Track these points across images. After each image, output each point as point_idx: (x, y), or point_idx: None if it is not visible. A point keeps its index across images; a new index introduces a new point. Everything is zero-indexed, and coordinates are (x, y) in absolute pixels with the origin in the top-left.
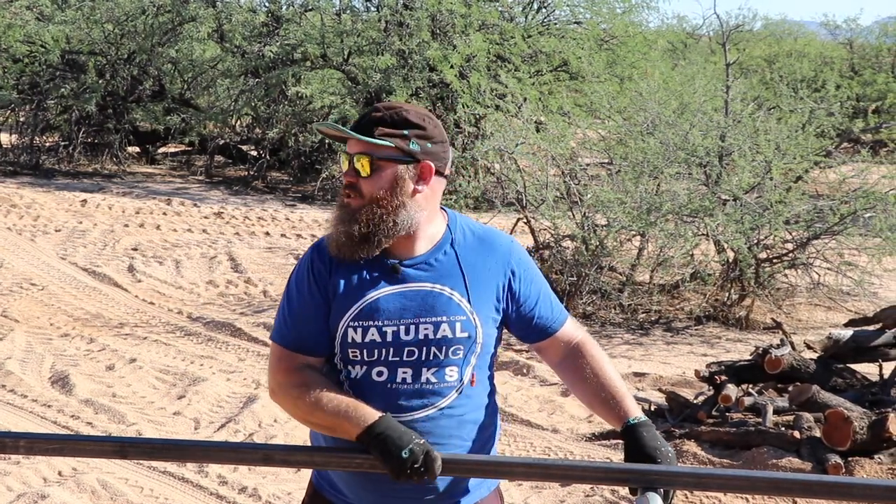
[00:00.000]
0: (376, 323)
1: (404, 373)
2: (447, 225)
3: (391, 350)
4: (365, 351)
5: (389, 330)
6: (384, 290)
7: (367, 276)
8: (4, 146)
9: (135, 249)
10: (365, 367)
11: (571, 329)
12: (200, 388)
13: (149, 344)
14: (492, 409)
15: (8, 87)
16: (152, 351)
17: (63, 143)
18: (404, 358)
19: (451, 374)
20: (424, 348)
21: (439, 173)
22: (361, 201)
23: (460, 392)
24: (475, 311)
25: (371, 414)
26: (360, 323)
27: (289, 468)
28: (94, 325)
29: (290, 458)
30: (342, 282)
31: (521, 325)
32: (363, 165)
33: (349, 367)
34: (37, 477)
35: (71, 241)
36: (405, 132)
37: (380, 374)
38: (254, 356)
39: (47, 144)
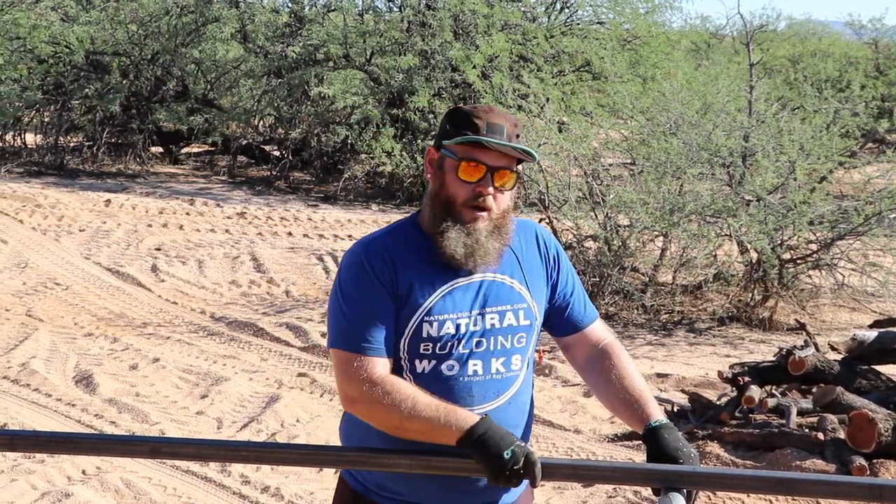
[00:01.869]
0: (450, 315)
1: (475, 365)
2: None
3: (462, 342)
4: (438, 344)
5: (462, 321)
6: (454, 283)
7: (435, 271)
8: (29, 146)
9: (158, 249)
10: (434, 362)
11: (600, 330)
12: (223, 387)
13: (172, 343)
14: (532, 398)
15: (33, 88)
16: (175, 350)
17: (87, 144)
18: (474, 349)
19: (517, 362)
20: (492, 338)
21: None
22: (492, 213)
23: (523, 380)
24: (534, 299)
25: (471, 417)
26: (436, 316)
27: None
28: (117, 325)
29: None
30: (411, 278)
31: (556, 314)
32: (511, 180)
33: (416, 362)
34: (61, 475)
35: (95, 241)
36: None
37: (450, 367)
38: (276, 356)
39: (72, 145)
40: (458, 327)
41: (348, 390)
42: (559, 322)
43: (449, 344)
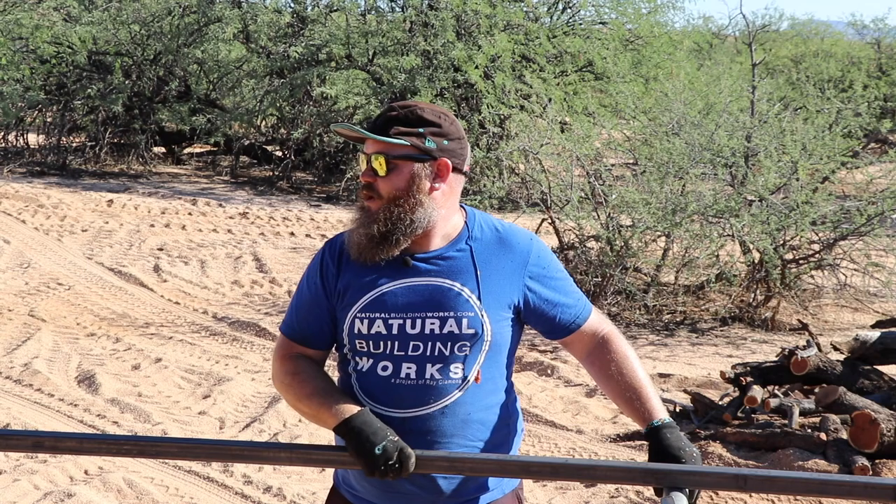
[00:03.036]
0: (382, 315)
1: (408, 368)
2: (465, 222)
3: (396, 343)
4: (371, 343)
5: (395, 323)
6: (393, 284)
7: (379, 269)
8: (32, 147)
9: (160, 249)
10: (371, 360)
11: (597, 322)
12: (225, 387)
13: (174, 343)
14: (506, 411)
15: (35, 88)
16: (178, 350)
17: (90, 144)
18: (409, 352)
19: (456, 371)
20: (430, 343)
21: (457, 170)
22: (380, 202)
23: (465, 390)
24: (485, 309)
25: (350, 407)
26: (367, 314)
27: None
28: (120, 325)
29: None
30: (354, 274)
31: (544, 323)
32: (380, 165)
33: (357, 359)
34: (63, 475)
35: (97, 241)
36: (420, 130)
37: (385, 368)
38: None
39: (74, 145)
40: (389, 327)
41: (272, 367)
42: (551, 328)
43: (382, 343)
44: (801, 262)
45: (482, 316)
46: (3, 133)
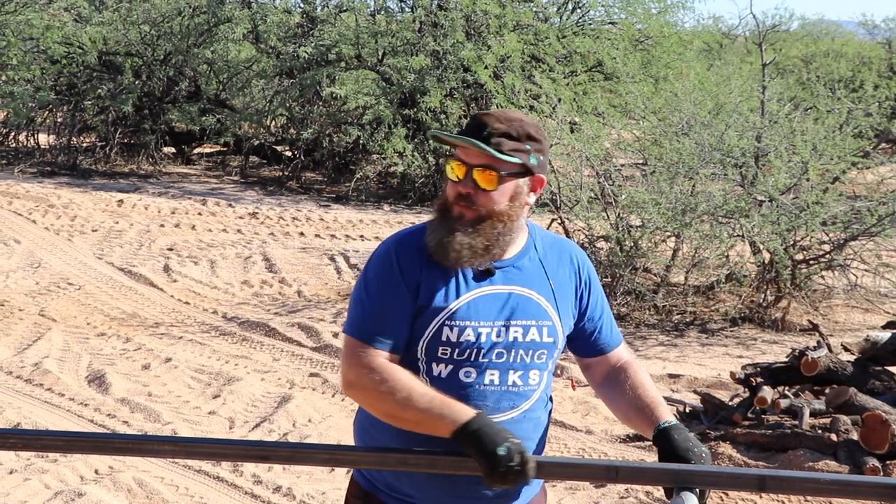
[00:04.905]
0: (472, 323)
1: (492, 374)
2: (529, 231)
3: (482, 351)
4: (457, 350)
5: (484, 331)
6: (479, 291)
7: (462, 276)
8: (42, 147)
9: (170, 249)
10: (452, 367)
11: (623, 352)
12: (235, 387)
13: (184, 343)
14: (550, 411)
15: (46, 88)
16: (187, 350)
17: (100, 144)
18: (493, 360)
19: (535, 377)
20: (513, 351)
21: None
22: (477, 212)
23: (538, 397)
24: (560, 317)
25: (466, 411)
26: (458, 322)
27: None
28: (130, 325)
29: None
30: (436, 280)
31: (583, 336)
32: (489, 179)
33: (433, 365)
34: (73, 475)
35: (107, 241)
36: (528, 147)
37: (467, 374)
38: (288, 356)
39: (84, 145)
40: (478, 335)
41: (348, 374)
42: (585, 344)
43: (468, 351)
44: (811, 262)
45: (558, 325)
46: (14, 133)
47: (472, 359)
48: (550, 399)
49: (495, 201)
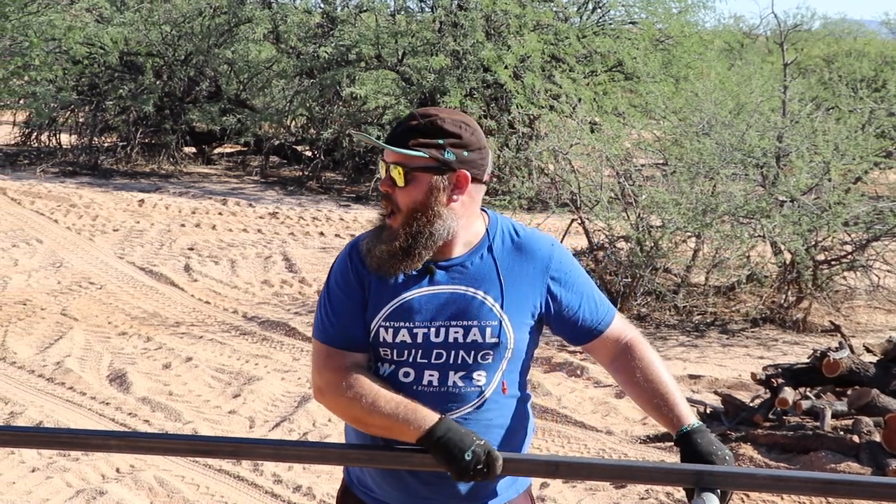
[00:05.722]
0: (407, 324)
1: (431, 375)
2: (486, 228)
3: (420, 352)
4: (395, 351)
5: (420, 332)
6: (417, 292)
7: (402, 277)
8: (64, 147)
9: (191, 249)
10: (393, 367)
11: (620, 328)
12: (255, 387)
13: (204, 343)
14: (522, 414)
15: (68, 89)
16: (208, 350)
17: (121, 144)
18: (432, 360)
19: (479, 378)
20: (453, 351)
21: (476, 180)
22: (400, 218)
23: (488, 397)
24: (508, 317)
25: (430, 416)
26: (392, 323)
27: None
28: (151, 324)
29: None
30: (378, 281)
31: (565, 328)
32: (398, 175)
33: (378, 364)
34: (95, 473)
35: (128, 241)
36: (440, 141)
37: (406, 374)
38: (308, 356)
39: (106, 145)
40: (414, 336)
41: (317, 380)
42: (574, 334)
43: (406, 351)
44: (833, 263)
45: (505, 324)
46: (36, 133)
47: (410, 360)
48: (524, 399)
49: (411, 198)
